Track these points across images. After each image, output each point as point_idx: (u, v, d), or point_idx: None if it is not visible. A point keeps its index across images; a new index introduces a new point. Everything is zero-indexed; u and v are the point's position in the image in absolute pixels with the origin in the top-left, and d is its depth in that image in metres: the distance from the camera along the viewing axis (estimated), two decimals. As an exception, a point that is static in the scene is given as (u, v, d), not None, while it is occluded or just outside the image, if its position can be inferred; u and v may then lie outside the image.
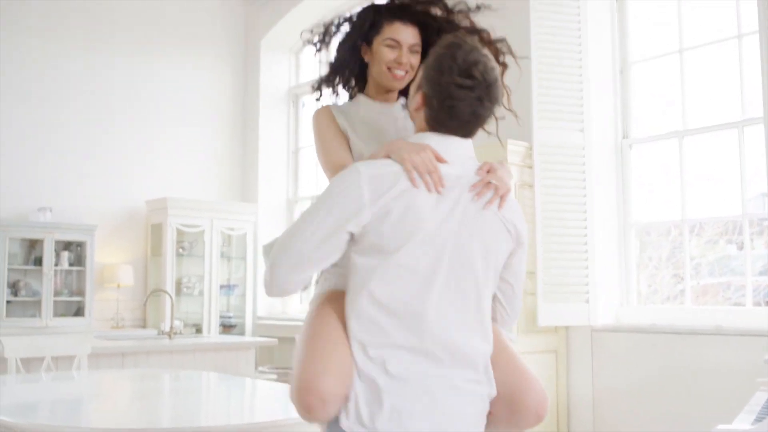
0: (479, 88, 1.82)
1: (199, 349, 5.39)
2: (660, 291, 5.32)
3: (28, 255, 6.98)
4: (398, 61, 2.09)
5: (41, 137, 7.18)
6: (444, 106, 1.83)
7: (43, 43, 7.26)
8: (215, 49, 8.36)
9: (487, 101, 1.85)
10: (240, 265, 7.99)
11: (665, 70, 5.33)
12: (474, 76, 1.82)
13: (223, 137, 8.32)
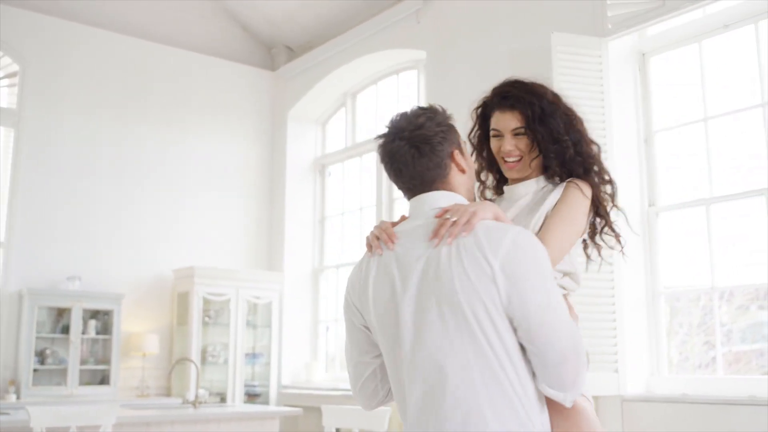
0: (388, 134, 1.91)
1: (224, 419, 5.35)
2: (691, 358, 5.22)
3: (56, 323, 7.03)
4: (503, 149, 2.09)
5: (70, 206, 7.31)
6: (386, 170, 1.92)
7: (74, 114, 7.46)
8: (243, 121, 8.52)
9: (400, 145, 1.86)
10: (265, 333, 7.97)
11: (690, 139, 5.34)
12: (389, 125, 1.94)
13: (250, 206, 8.41)
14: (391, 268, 1.77)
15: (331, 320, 8.18)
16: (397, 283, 1.74)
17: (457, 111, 6.78)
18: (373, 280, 1.79)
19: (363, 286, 1.83)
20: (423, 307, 1.70)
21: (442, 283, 1.67)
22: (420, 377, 1.70)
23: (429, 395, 1.69)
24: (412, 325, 1.71)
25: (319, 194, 8.58)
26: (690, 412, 4.66)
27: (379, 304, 1.78)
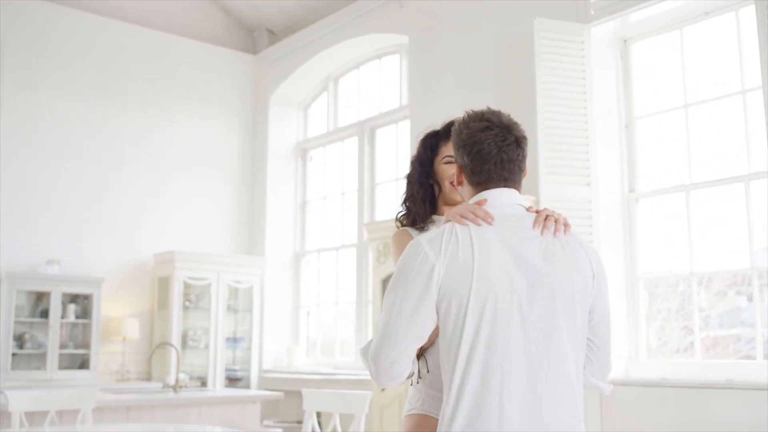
0: (497, 127, 1.91)
1: (205, 403, 5.35)
2: (669, 343, 5.27)
3: (35, 307, 6.98)
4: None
5: (50, 190, 7.24)
6: (473, 153, 1.90)
7: (55, 98, 7.38)
8: (225, 105, 8.47)
9: (511, 139, 1.91)
10: (246, 318, 7.96)
11: (670, 125, 5.38)
12: (488, 119, 1.92)
13: (231, 191, 8.38)
14: (495, 244, 1.81)
15: (313, 305, 8.19)
16: (507, 262, 1.80)
17: (439, 96, 6.79)
18: (478, 252, 1.79)
19: (457, 256, 1.79)
20: (537, 292, 1.79)
21: (554, 270, 1.82)
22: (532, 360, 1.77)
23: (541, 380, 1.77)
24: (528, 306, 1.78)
25: (301, 179, 8.56)
26: (668, 396, 4.71)
27: (483, 279, 1.77)
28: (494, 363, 1.74)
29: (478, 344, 1.75)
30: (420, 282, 1.78)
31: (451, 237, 1.81)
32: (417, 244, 1.84)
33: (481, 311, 1.76)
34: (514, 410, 1.72)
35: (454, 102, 6.18)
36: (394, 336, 1.79)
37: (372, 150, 7.72)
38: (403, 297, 1.79)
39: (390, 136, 7.62)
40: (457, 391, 1.75)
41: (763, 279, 4.80)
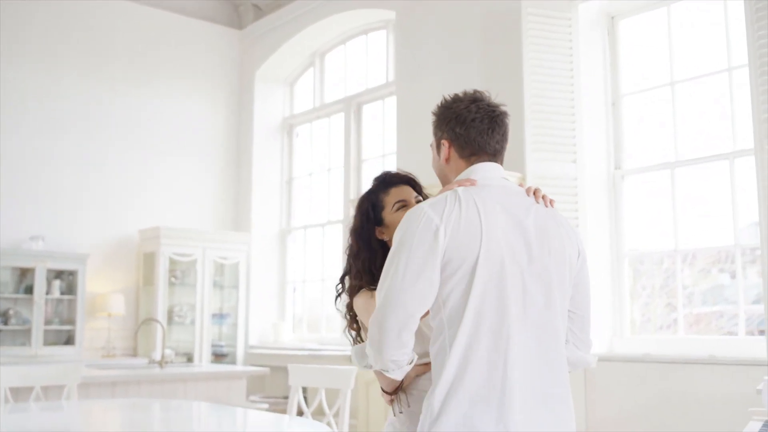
0: (485, 101, 1.96)
1: (191, 379, 5.35)
2: (653, 320, 5.32)
3: (19, 283, 6.95)
4: None
5: (35, 166, 7.18)
6: (467, 123, 1.93)
7: (39, 73, 7.29)
8: (210, 81, 8.40)
9: (499, 111, 1.97)
10: (232, 294, 7.96)
11: (657, 103, 5.38)
12: (476, 95, 1.97)
13: (216, 167, 8.34)
14: (497, 207, 1.84)
15: (299, 281, 8.19)
16: (509, 227, 1.83)
17: (426, 72, 6.76)
18: (484, 215, 1.80)
19: (461, 219, 1.79)
20: (536, 259, 1.84)
21: (550, 240, 1.86)
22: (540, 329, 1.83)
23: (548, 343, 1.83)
24: (528, 272, 1.82)
25: (287, 155, 8.52)
26: (651, 371, 4.76)
27: (492, 241, 1.79)
28: (501, 327, 1.76)
29: (485, 308, 1.77)
30: (424, 244, 1.77)
31: (455, 201, 1.81)
32: (419, 209, 1.83)
33: (488, 275, 1.77)
34: (516, 374, 1.75)
35: (440, 78, 6.16)
36: (401, 299, 1.75)
37: (358, 126, 7.70)
38: (407, 260, 1.77)
39: (377, 112, 7.59)
40: (462, 356, 1.75)
41: (746, 256, 4.84)
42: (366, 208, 2.28)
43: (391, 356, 1.78)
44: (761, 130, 4.22)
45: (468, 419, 1.73)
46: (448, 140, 1.96)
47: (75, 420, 3.65)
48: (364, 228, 2.26)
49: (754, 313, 4.78)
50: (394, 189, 2.28)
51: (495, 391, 1.74)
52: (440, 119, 1.98)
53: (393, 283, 1.77)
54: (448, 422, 1.73)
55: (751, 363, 4.28)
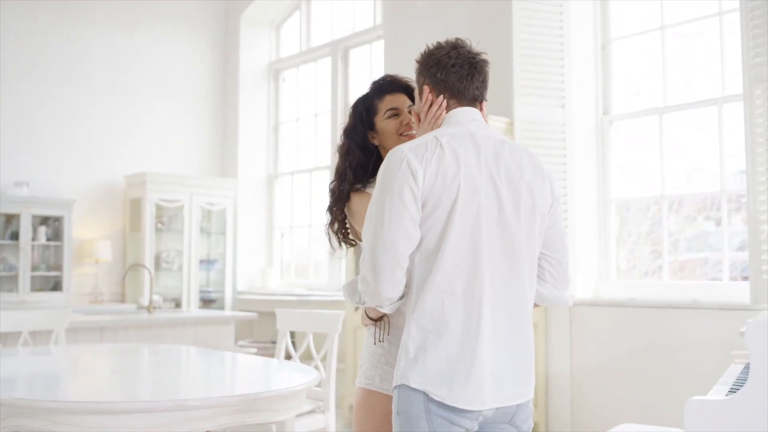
0: (466, 48, 2.03)
1: (179, 324, 5.38)
2: (639, 266, 5.36)
3: (5, 230, 6.91)
4: (405, 124, 2.30)
5: (18, 111, 7.08)
6: (447, 68, 1.98)
7: (21, 18, 7.14)
8: (195, 24, 8.26)
9: (480, 57, 2.03)
10: (220, 240, 7.96)
11: (646, 47, 5.34)
12: (458, 42, 2.04)
13: (203, 112, 8.25)
14: (474, 151, 1.91)
15: (286, 227, 8.19)
16: (487, 170, 1.91)
17: (414, 15, 6.63)
18: (463, 159, 1.88)
19: (442, 162, 1.86)
20: (511, 202, 1.92)
21: (524, 183, 1.94)
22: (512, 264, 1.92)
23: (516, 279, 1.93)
24: (502, 213, 1.91)
25: (273, 100, 8.44)
26: (636, 315, 4.82)
27: (469, 184, 1.87)
28: (477, 269, 1.85)
29: (462, 250, 1.85)
30: (405, 186, 1.84)
31: (436, 147, 1.88)
32: (398, 151, 1.90)
33: (463, 223, 1.85)
34: (487, 315, 1.85)
35: (429, 21, 6.07)
36: (390, 239, 1.83)
37: (345, 71, 7.61)
38: (390, 203, 1.84)
39: (364, 57, 7.50)
40: (437, 299, 1.84)
41: (732, 204, 4.86)
42: (360, 111, 2.34)
43: (386, 294, 1.87)
44: (751, 76, 4.20)
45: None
46: (429, 85, 2.02)
47: (64, 364, 3.67)
48: (357, 130, 2.33)
49: (738, 260, 4.83)
50: (389, 96, 2.34)
51: (471, 329, 1.84)
52: (422, 66, 2.04)
53: (379, 226, 1.85)
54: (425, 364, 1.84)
55: (734, 308, 4.33)
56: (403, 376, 1.85)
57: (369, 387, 2.17)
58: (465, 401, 1.81)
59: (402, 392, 1.85)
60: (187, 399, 2.53)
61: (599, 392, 4.94)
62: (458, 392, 1.81)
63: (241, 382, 3.34)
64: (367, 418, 2.17)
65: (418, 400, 1.82)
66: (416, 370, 1.83)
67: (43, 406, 2.38)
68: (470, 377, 1.81)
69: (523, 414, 1.94)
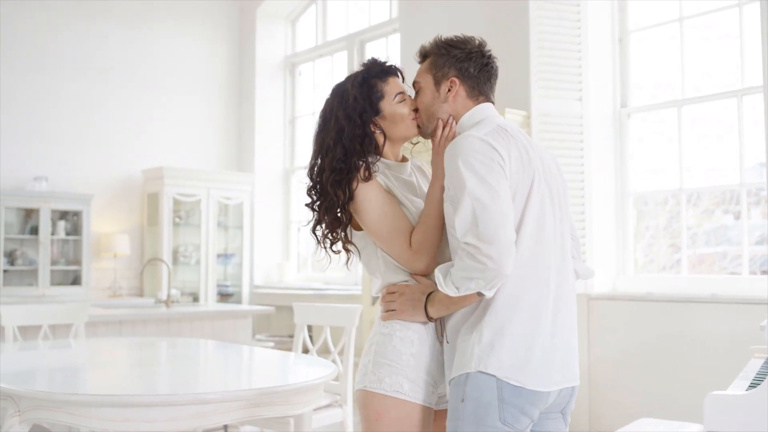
0: (489, 49, 2.08)
1: (197, 318, 5.40)
2: (656, 260, 5.33)
3: (24, 224, 6.97)
4: (414, 109, 2.16)
5: (37, 106, 7.13)
6: (479, 66, 2.02)
7: (40, 13, 7.18)
8: (211, 19, 8.28)
9: (497, 65, 2.10)
10: (236, 234, 7.99)
11: (665, 39, 5.29)
12: (484, 44, 2.08)
13: (219, 106, 8.28)
14: (526, 142, 1.97)
15: (303, 221, 8.20)
16: (539, 160, 1.97)
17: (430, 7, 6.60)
18: (525, 148, 1.94)
19: (517, 149, 1.91)
20: (555, 190, 2.00)
21: (557, 173, 2.04)
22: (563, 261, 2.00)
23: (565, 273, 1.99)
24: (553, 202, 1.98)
25: (290, 94, 8.45)
26: (653, 309, 4.79)
27: (539, 171, 1.94)
28: (545, 255, 1.91)
29: (534, 236, 1.90)
30: (497, 164, 1.85)
31: (507, 134, 1.93)
32: (474, 138, 1.87)
33: (535, 204, 1.90)
34: (555, 300, 1.92)
35: (445, 14, 6.05)
36: (506, 209, 1.81)
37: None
38: (489, 176, 1.82)
39: (380, 50, 7.49)
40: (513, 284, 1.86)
41: (751, 197, 4.82)
42: (367, 93, 2.12)
43: (509, 269, 1.79)
44: (771, 68, 4.15)
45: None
46: (458, 78, 2.00)
47: (83, 357, 3.70)
48: (367, 112, 2.11)
49: (758, 254, 4.78)
50: (392, 79, 2.19)
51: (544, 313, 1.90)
52: (449, 57, 2.01)
53: (490, 202, 1.79)
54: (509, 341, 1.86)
55: (754, 302, 4.30)
56: (479, 362, 1.83)
57: (398, 396, 1.99)
58: (542, 383, 1.85)
59: (473, 379, 1.83)
60: (206, 392, 2.54)
61: (617, 387, 4.92)
62: (534, 376, 1.83)
63: (259, 375, 3.35)
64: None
65: (491, 388, 1.81)
66: (493, 355, 1.82)
67: (63, 399, 2.40)
68: (546, 360, 1.86)
69: (573, 399, 1.99)
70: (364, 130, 2.10)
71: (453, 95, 2.02)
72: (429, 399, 2.02)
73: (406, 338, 2.02)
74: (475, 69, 2.01)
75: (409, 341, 2.02)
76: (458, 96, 2.02)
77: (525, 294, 1.86)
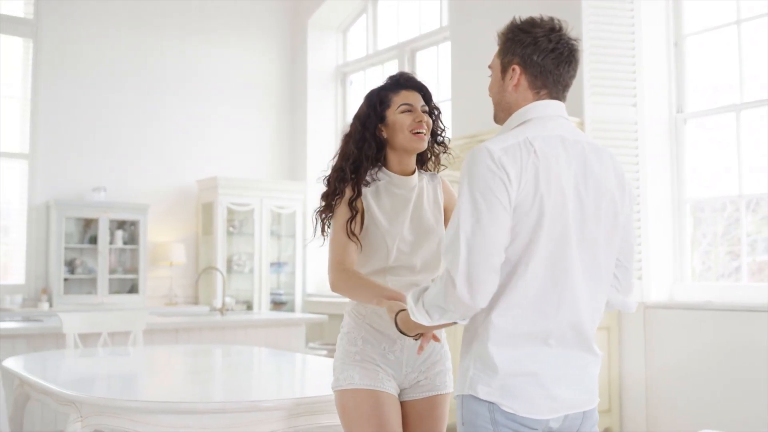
0: (564, 30, 1.85)
1: (251, 326, 5.47)
2: (714, 268, 5.21)
3: (84, 234, 7.15)
4: (417, 121, 2.29)
5: (95, 118, 7.32)
6: (545, 53, 1.81)
7: (96, 25, 7.37)
8: (264, 30, 8.39)
9: (577, 48, 1.86)
10: (289, 243, 8.06)
11: (721, 42, 5.19)
12: (557, 27, 1.85)
13: (272, 116, 8.37)
14: (564, 154, 1.78)
15: (355, 230, 8.22)
16: (575, 174, 1.79)
17: (481, 15, 6.58)
18: (554, 164, 1.75)
19: (534, 166, 1.72)
20: (596, 208, 1.81)
21: (608, 188, 1.83)
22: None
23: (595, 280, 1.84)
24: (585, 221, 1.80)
25: (341, 103, 8.50)
26: (712, 318, 4.68)
27: (558, 190, 1.74)
28: (557, 287, 1.75)
29: (546, 265, 1.74)
30: (500, 187, 1.68)
31: (531, 150, 1.73)
32: (487, 151, 1.71)
33: (552, 231, 1.73)
34: (560, 333, 1.78)
35: (496, 21, 6.00)
36: (490, 243, 1.67)
37: (412, 73, 7.60)
38: (486, 203, 1.67)
39: (431, 59, 7.49)
40: (512, 313, 1.74)
41: (814, 201, 4.68)
42: (374, 101, 2.34)
43: (481, 304, 1.70)
44: (833, 70, 4.03)
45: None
46: (521, 66, 1.83)
47: (141, 364, 3.77)
48: (370, 118, 2.32)
49: (822, 260, 4.64)
50: (405, 92, 2.34)
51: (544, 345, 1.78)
52: (513, 42, 1.84)
53: (474, 229, 1.68)
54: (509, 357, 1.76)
55: (818, 310, 4.17)
56: (471, 386, 1.76)
57: (351, 386, 2.21)
58: (537, 411, 1.75)
59: (467, 402, 1.78)
60: (260, 400, 2.57)
61: (675, 397, 4.82)
62: (527, 403, 1.74)
63: (312, 383, 3.37)
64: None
65: (484, 412, 1.75)
66: (484, 381, 1.75)
67: (123, 405, 2.45)
68: (542, 387, 1.76)
69: (586, 423, 1.85)
70: (363, 135, 2.31)
71: (515, 84, 1.84)
72: (384, 385, 2.20)
73: (350, 339, 2.28)
74: (539, 56, 1.80)
75: (353, 342, 2.27)
76: (520, 86, 1.84)
77: (522, 325, 1.74)
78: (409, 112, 2.30)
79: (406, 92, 2.33)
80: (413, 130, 2.28)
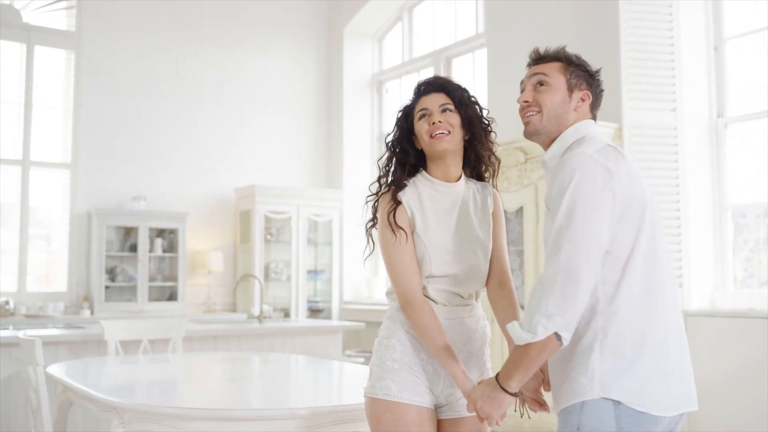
0: None
1: (288, 333, 5.49)
2: (756, 275, 5.12)
3: (124, 242, 7.25)
4: (432, 123, 2.25)
5: (133, 127, 7.43)
6: (600, 89, 2.13)
7: (136, 37, 7.50)
8: (299, 38, 8.45)
9: None
10: (326, 250, 8.09)
11: (763, 46, 5.10)
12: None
13: (308, 124, 8.42)
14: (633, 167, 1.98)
15: (391, 237, 8.22)
16: (644, 182, 1.98)
17: (517, 21, 6.56)
18: (634, 167, 1.96)
19: (628, 169, 1.91)
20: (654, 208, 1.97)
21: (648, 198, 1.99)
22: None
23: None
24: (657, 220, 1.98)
25: (377, 111, 8.53)
26: (755, 326, 4.59)
27: (645, 188, 1.95)
28: (658, 276, 1.89)
29: (649, 258, 1.88)
30: (606, 189, 1.84)
31: (618, 153, 1.93)
32: (588, 156, 1.87)
33: (648, 223, 1.90)
34: (670, 321, 1.91)
35: (532, 27, 6.00)
36: (594, 245, 1.80)
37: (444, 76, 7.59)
38: (592, 206, 1.81)
39: (467, 66, 7.48)
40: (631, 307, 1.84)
41: None
42: (400, 119, 2.38)
43: (580, 309, 1.79)
44: None
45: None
46: (589, 92, 2.09)
47: (181, 371, 3.81)
48: (399, 135, 2.36)
49: None
50: (423, 98, 2.33)
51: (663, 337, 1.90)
52: (587, 74, 2.10)
53: (579, 232, 1.79)
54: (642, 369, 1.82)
55: None
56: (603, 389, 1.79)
57: (388, 398, 2.17)
58: (665, 408, 1.84)
59: (589, 407, 1.79)
60: (298, 407, 2.58)
61: (718, 406, 4.73)
62: (659, 400, 1.82)
63: (349, 391, 3.38)
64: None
65: (610, 417, 1.78)
66: (617, 381, 1.79)
67: (164, 411, 2.48)
68: (668, 384, 1.85)
69: (679, 425, 1.97)
70: (394, 151, 2.38)
71: (581, 106, 2.08)
72: (422, 399, 2.16)
73: (389, 346, 2.21)
74: (597, 90, 2.11)
75: (392, 348, 2.21)
76: (583, 108, 2.08)
77: (642, 318, 1.84)
78: (425, 117, 2.28)
79: (424, 98, 2.32)
80: (431, 134, 2.25)
